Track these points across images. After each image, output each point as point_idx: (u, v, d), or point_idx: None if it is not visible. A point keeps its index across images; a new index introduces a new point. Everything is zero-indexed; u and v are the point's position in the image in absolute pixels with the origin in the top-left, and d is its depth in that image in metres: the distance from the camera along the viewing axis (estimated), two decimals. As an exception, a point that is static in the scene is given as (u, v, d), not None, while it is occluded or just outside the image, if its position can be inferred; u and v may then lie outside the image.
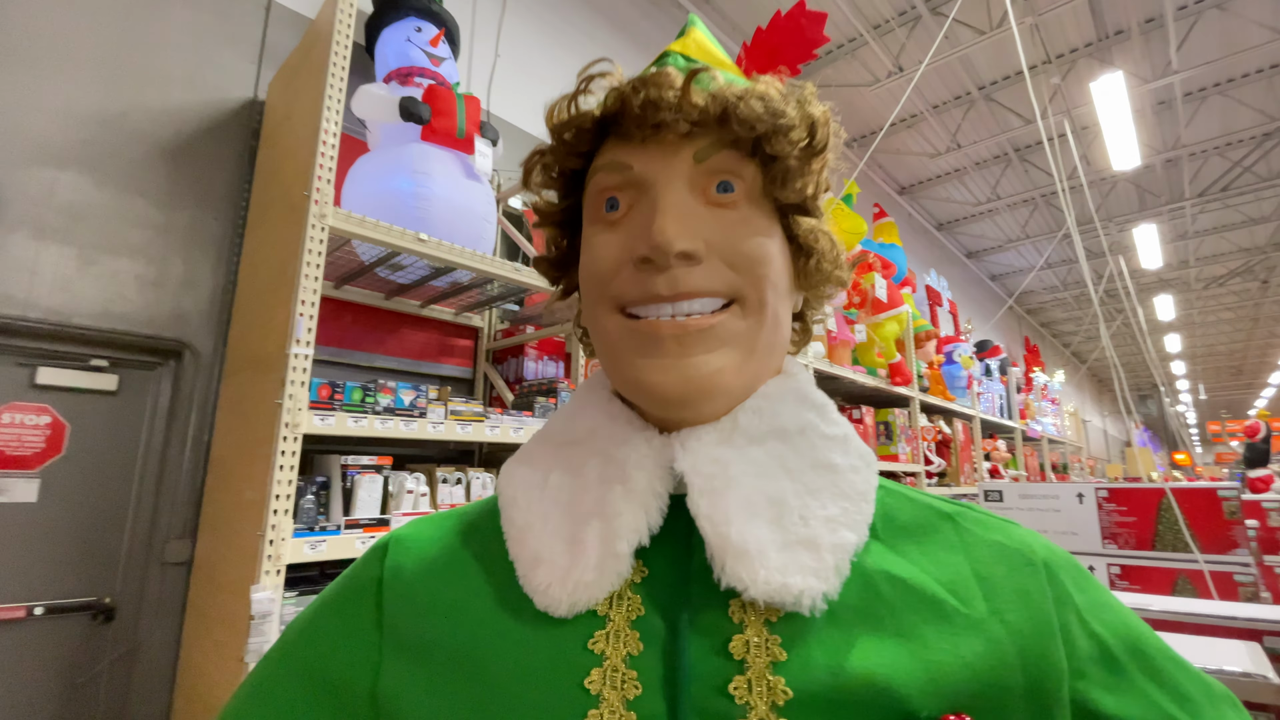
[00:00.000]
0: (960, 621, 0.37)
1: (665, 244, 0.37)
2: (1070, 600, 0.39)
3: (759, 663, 0.35)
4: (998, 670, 0.35)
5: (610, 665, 0.36)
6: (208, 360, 2.02)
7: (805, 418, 0.42)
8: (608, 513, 0.38)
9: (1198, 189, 8.16)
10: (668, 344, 0.38)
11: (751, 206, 0.41)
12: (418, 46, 2.21)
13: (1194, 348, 17.88)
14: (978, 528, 0.42)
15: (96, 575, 1.83)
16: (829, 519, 0.38)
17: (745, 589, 0.35)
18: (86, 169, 1.88)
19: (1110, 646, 0.38)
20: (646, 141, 0.40)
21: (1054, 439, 8.95)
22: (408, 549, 0.45)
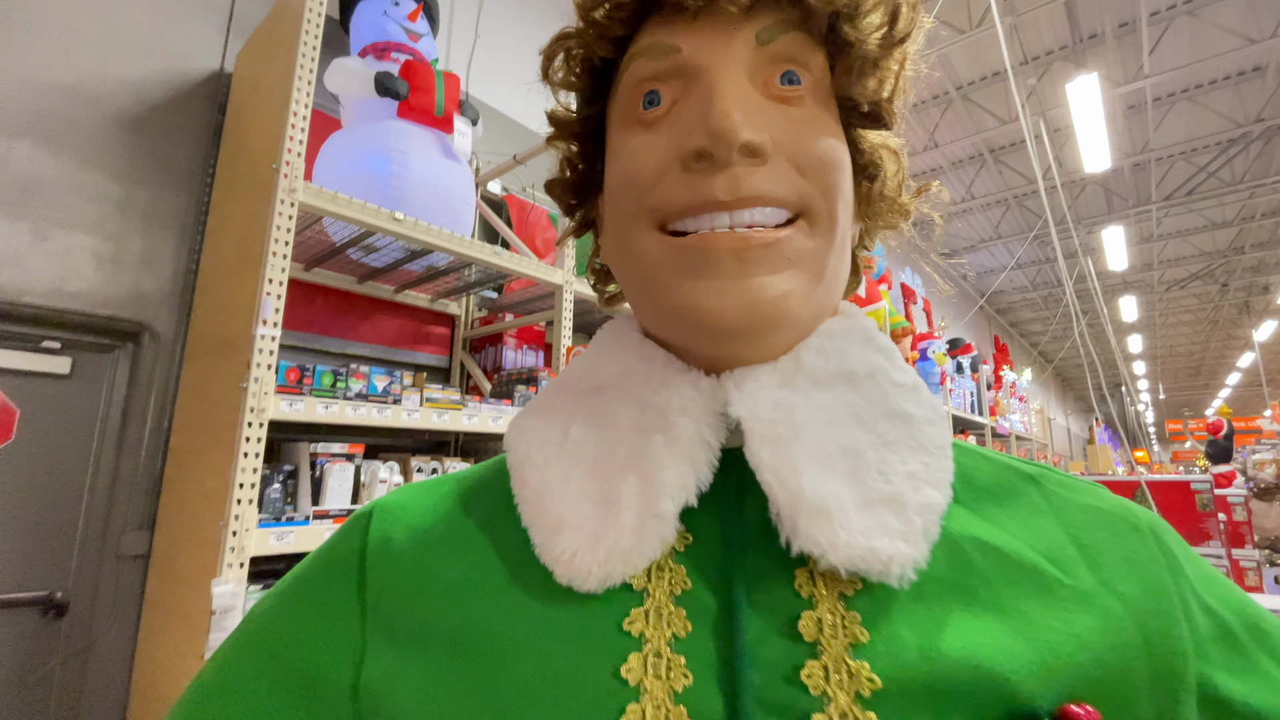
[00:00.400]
0: (1066, 594, 0.31)
1: (728, 130, 0.30)
2: (1183, 571, 0.34)
3: (836, 645, 0.28)
4: (1118, 650, 0.30)
5: (651, 649, 0.29)
6: (168, 342, 1.93)
7: (874, 361, 0.36)
8: (647, 467, 0.32)
9: (1164, 193, 8.38)
10: (725, 261, 0.31)
11: (818, 105, 0.34)
12: (395, 21, 2.12)
13: (1155, 348, 18.44)
14: (1064, 490, 0.36)
15: (48, 569, 1.73)
16: (910, 474, 0.32)
17: (823, 554, 0.29)
18: (41, 139, 1.77)
19: (1229, 623, 0.33)
20: (698, 18, 0.33)
21: (1021, 436, 9.14)
22: (396, 518, 0.38)
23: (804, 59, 0.33)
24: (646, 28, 0.34)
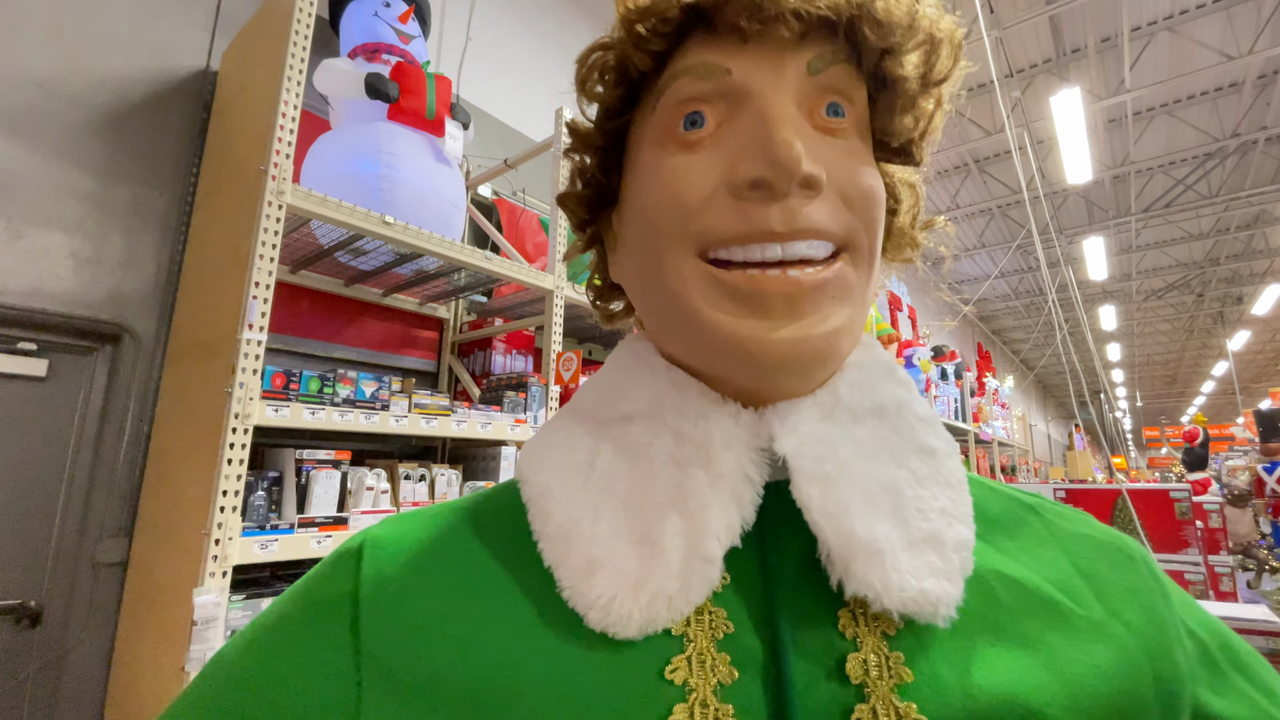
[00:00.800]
0: (1082, 625, 0.32)
1: (792, 161, 0.29)
2: (1170, 598, 0.35)
3: (883, 686, 0.28)
4: (1132, 678, 0.31)
5: (697, 699, 0.28)
6: (149, 345, 1.88)
7: (900, 394, 0.36)
8: (690, 505, 0.30)
9: (1143, 205, 8.54)
10: (777, 304, 0.30)
11: (859, 138, 0.34)
12: (386, 22, 2.10)
13: (1133, 356, 18.76)
14: (1061, 520, 0.37)
15: (21, 576, 1.68)
16: (943, 510, 0.32)
17: (877, 597, 0.29)
18: (18, 135, 1.73)
19: (1208, 645, 0.35)
20: (750, 41, 0.32)
21: (1004, 442, 9.25)
22: (393, 554, 0.34)
23: (849, 91, 0.33)
24: (690, 44, 0.33)
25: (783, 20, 0.30)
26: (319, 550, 1.49)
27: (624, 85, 0.35)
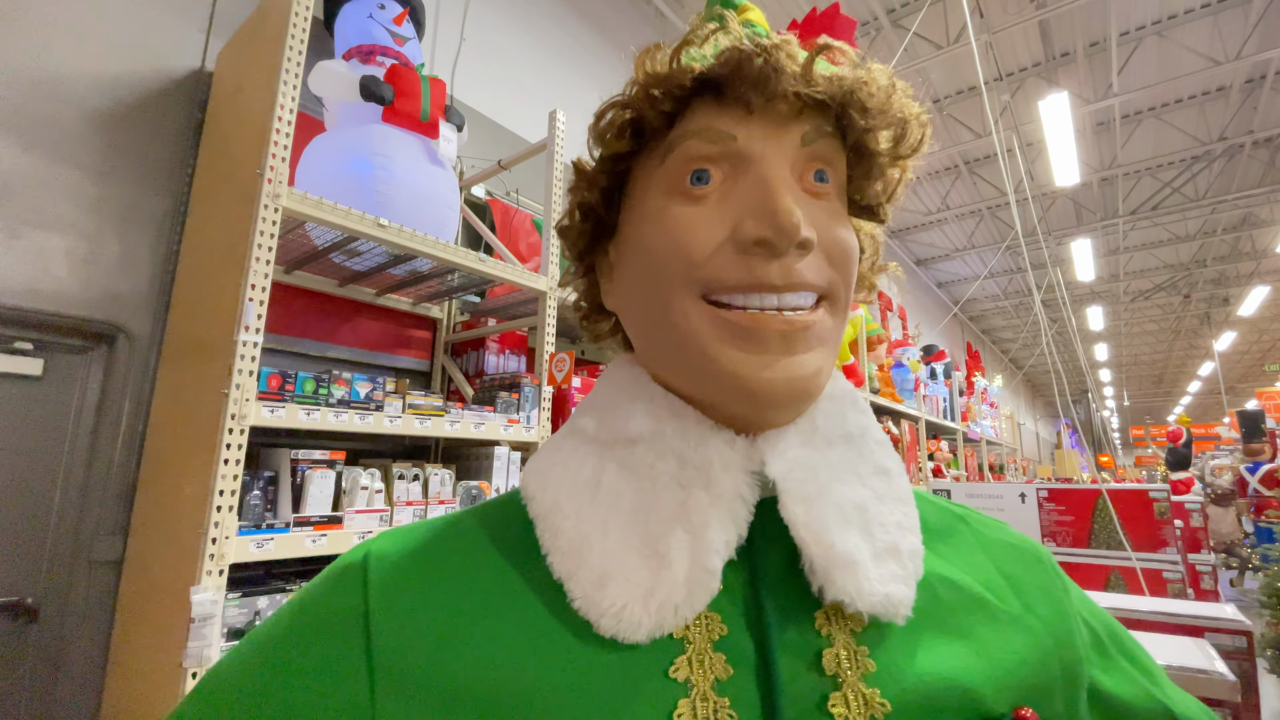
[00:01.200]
0: (1005, 619, 0.38)
1: (793, 227, 0.33)
2: (1070, 593, 0.42)
3: (853, 676, 0.33)
4: (1042, 661, 0.38)
5: (698, 693, 0.31)
6: (144, 345, 1.90)
7: (863, 421, 0.42)
8: (694, 522, 0.34)
9: (1130, 207, 8.63)
10: (773, 340, 0.34)
11: (839, 199, 0.39)
12: (380, 24, 2.12)
13: (1120, 356, 18.96)
14: (984, 528, 0.44)
15: (17, 574, 1.69)
16: (899, 524, 0.38)
17: (851, 601, 0.33)
18: (14, 135, 1.73)
19: (1099, 632, 0.43)
20: (753, 113, 0.36)
21: (992, 440, 9.34)
22: (399, 568, 0.36)
23: (833, 160, 0.38)
24: (698, 107, 0.37)
25: (784, 98, 0.35)
26: (314, 549, 1.51)
27: (634, 137, 0.39)
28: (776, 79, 0.34)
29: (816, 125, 0.36)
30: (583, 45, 3.91)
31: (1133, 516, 2.37)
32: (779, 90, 0.34)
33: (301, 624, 0.35)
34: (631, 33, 4.39)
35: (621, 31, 4.29)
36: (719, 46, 0.37)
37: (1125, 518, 2.31)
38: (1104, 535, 2.23)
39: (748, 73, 0.34)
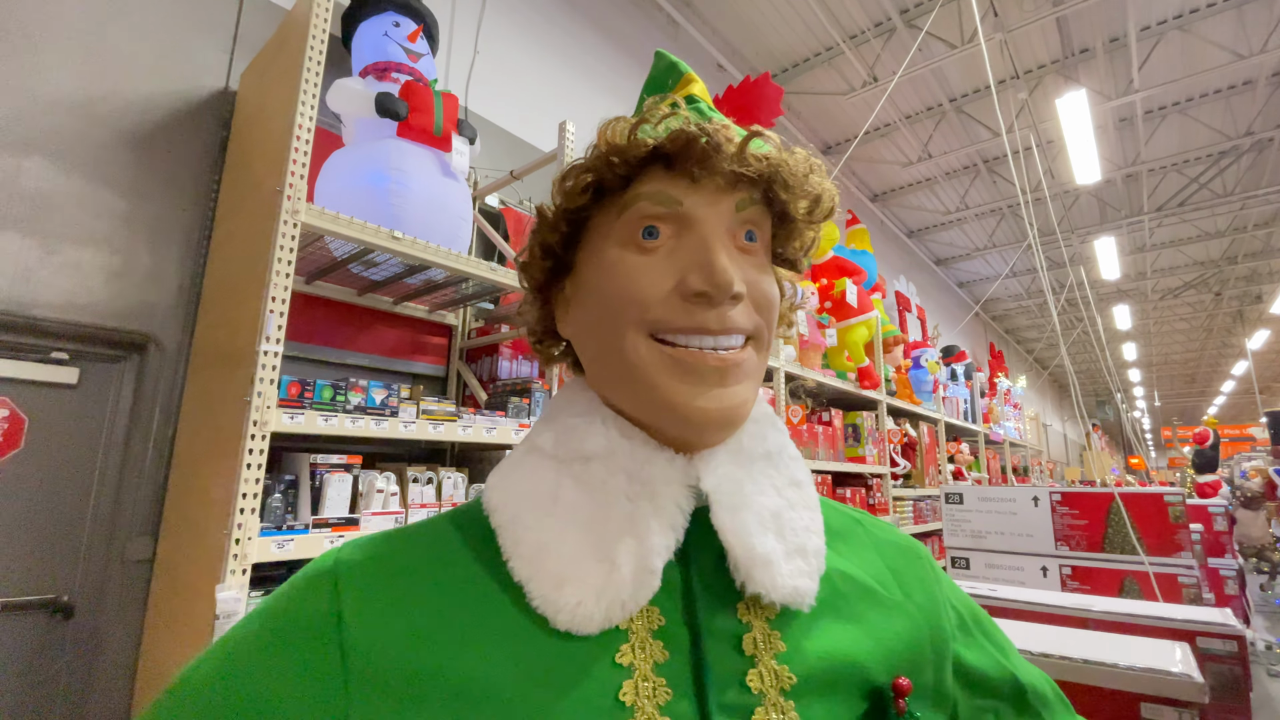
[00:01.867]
0: (889, 605, 0.47)
1: (727, 284, 0.40)
2: (941, 583, 0.52)
3: (767, 656, 0.40)
4: (917, 638, 0.46)
5: (640, 675, 0.37)
6: (173, 354, 1.99)
7: (780, 440, 0.49)
8: (640, 530, 0.40)
9: (1156, 203, 8.46)
10: (709, 375, 0.41)
11: (765, 255, 0.47)
12: (395, 41, 2.19)
13: (1150, 356, 18.53)
14: (876, 530, 0.53)
15: (55, 572, 1.79)
16: (806, 528, 0.45)
17: (767, 593, 0.40)
18: (51, 156, 1.83)
19: (964, 616, 0.52)
20: (696, 183, 0.43)
21: (1015, 442, 9.20)
22: (369, 575, 0.40)
23: (761, 223, 0.46)
24: (650, 174, 0.44)
25: (722, 173, 0.42)
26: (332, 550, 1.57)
27: (594, 194, 0.46)
28: (717, 157, 0.41)
29: (749, 195, 0.44)
30: (594, 54, 3.97)
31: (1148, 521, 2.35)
32: (718, 167, 0.42)
33: (274, 628, 0.38)
34: (643, 40, 4.43)
35: (632, 39, 4.34)
36: (670, 127, 0.42)
37: (1140, 522, 2.29)
38: (1118, 540, 2.22)
39: (693, 151, 0.41)
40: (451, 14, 3.07)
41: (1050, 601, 1.20)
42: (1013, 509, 2.36)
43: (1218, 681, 0.99)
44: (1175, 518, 2.35)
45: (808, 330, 4.00)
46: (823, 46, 5.38)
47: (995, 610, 1.26)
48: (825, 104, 6.10)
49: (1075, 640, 0.84)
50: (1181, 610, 1.11)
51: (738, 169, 0.42)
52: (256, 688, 0.36)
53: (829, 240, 4.85)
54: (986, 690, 0.50)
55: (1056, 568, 2.23)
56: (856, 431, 4.49)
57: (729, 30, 5.11)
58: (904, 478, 5.33)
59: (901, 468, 5.16)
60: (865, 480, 4.44)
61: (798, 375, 3.73)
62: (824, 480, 3.76)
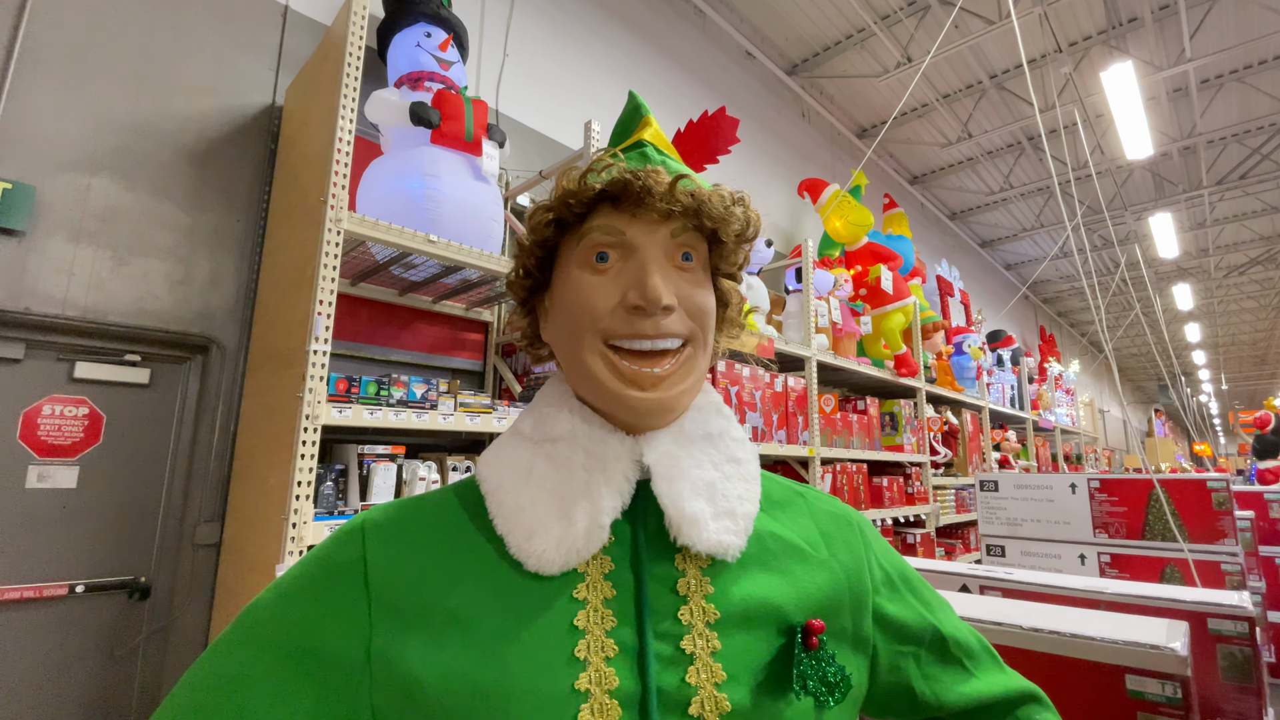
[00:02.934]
0: (814, 562, 0.56)
1: (657, 299, 0.50)
2: (871, 546, 0.61)
3: (697, 596, 0.50)
4: (836, 590, 0.56)
5: (591, 608, 0.48)
6: (232, 355, 2.14)
7: (721, 424, 0.59)
8: (593, 495, 0.51)
9: (1215, 177, 8.04)
10: (646, 383, 0.51)
11: (702, 271, 0.56)
12: (427, 51, 2.29)
13: (1215, 337, 17.60)
14: (818, 501, 0.63)
15: (132, 556, 1.96)
16: (739, 496, 0.55)
17: (694, 545, 0.50)
18: (118, 174, 1.99)
19: (891, 575, 0.61)
20: (637, 216, 0.53)
21: (1067, 429, 8.91)
22: (391, 532, 0.51)
23: (695, 245, 0.55)
24: (601, 209, 0.54)
25: (656, 208, 0.52)
26: (379, 534, 1.69)
27: (559, 227, 0.56)
28: (649, 197, 0.51)
29: (681, 224, 0.54)
30: (620, 49, 4.01)
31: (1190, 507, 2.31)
32: (651, 204, 0.52)
33: (316, 570, 0.51)
34: (669, 32, 4.45)
35: (659, 32, 4.36)
36: (611, 175, 0.53)
37: (1183, 509, 2.25)
38: (1159, 527, 2.19)
39: (630, 192, 0.52)
40: (481, 19, 3.16)
41: (1063, 584, 1.22)
42: (1050, 496, 2.34)
43: (1229, 663, 1.00)
44: (1219, 504, 2.30)
45: (841, 318, 3.98)
46: (854, 28, 5.29)
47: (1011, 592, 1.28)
48: (858, 87, 6.00)
49: (1070, 618, 0.87)
50: (1194, 593, 1.11)
51: (667, 205, 0.52)
52: (304, 614, 0.48)
53: (862, 226, 4.79)
54: (906, 637, 0.59)
55: (1095, 555, 2.21)
56: (894, 420, 4.44)
57: (757, 17, 5.08)
58: (945, 466, 5.25)
59: (942, 456, 5.08)
60: (903, 469, 4.40)
61: (828, 363, 3.73)
62: (859, 469, 3.76)
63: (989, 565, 2.00)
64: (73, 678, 1.83)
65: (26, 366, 1.83)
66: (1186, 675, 0.70)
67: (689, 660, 0.47)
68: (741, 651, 0.49)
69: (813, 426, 3.36)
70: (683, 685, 0.46)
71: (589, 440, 0.53)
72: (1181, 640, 0.74)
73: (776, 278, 4.72)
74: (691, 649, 0.48)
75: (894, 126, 6.79)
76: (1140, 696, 0.76)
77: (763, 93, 5.38)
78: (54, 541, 1.83)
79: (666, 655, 0.47)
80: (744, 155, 4.95)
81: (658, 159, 0.57)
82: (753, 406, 3.01)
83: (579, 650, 0.46)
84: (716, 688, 0.47)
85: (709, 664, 0.47)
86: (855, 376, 4.20)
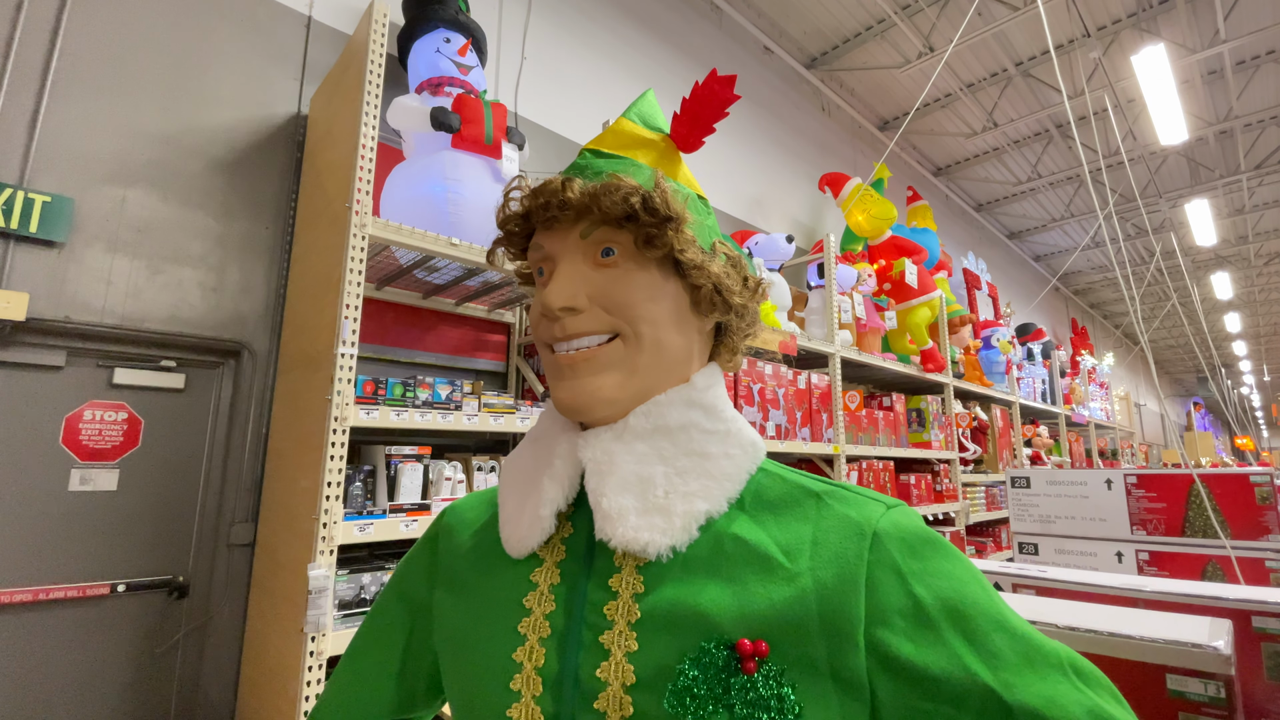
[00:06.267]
0: (780, 574, 0.48)
1: (550, 305, 0.52)
2: (891, 564, 0.47)
3: (626, 593, 0.50)
4: (796, 610, 0.46)
5: (539, 591, 0.53)
6: (263, 359, 2.19)
7: (689, 416, 0.55)
8: (539, 488, 0.55)
9: (1254, 161, 7.78)
10: (564, 371, 0.54)
11: (631, 262, 0.54)
12: (447, 57, 2.32)
13: (1257, 326, 17.02)
14: (838, 503, 0.51)
15: (171, 556, 2.02)
16: (688, 493, 0.51)
17: (609, 540, 0.50)
18: (152, 186, 2.05)
19: (925, 606, 0.45)
20: (552, 227, 0.55)
21: (1102, 424, 8.69)
22: (456, 514, 0.66)
23: (614, 239, 0.54)
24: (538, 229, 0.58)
25: (559, 216, 0.54)
26: (408, 532, 1.71)
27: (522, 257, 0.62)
28: (545, 209, 0.54)
29: (589, 224, 0.54)
30: (636, 48, 4.01)
31: (1233, 503, 2.25)
32: (554, 213, 0.54)
33: (421, 539, 0.68)
34: (686, 29, 4.43)
35: (675, 29, 4.35)
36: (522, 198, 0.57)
37: (1225, 504, 2.19)
38: (1199, 523, 2.13)
39: (534, 207, 0.55)
40: (499, 22, 3.18)
41: (1101, 582, 1.19)
42: (1084, 492, 2.28)
43: (1275, 662, 0.96)
44: (1262, 499, 2.23)
45: (865, 314, 3.94)
46: (874, 19, 5.23)
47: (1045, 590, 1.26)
48: (880, 79, 5.93)
49: (1108, 616, 0.85)
50: (1238, 590, 1.08)
51: (565, 211, 0.53)
52: (408, 566, 0.67)
53: (885, 220, 4.72)
54: (931, 693, 0.43)
55: (1133, 553, 2.16)
56: (920, 416, 4.38)
57: (774, 11, 5.04)
58: (975, 463, 5.15)
59: (972, 453, 4.99)
60: (932, 466, 4.33)
61: (852, 359, 3.69)
62: (886, 466, 3.71)
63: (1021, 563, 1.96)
64: (115, 674, 1.89)
65: (68, 373, 1.89)
66: (1230, 674, 0.68)
67: (605, 655, 0.48)
68: (658, 657, 0.46)
69: (837, 424, 3.33)
70: (594, 678, 0.48)
71: (549, 438, 0.58)
72: (1225, 639, 0.72)
73: (798, 274, 4.68)
74: (609, 645, 0.48)
75: (917, 118, 6.69)
76: (1181, 696, 0.73)
77: (782, 88, 5.33)
78: (96, 543, 1.89)
79: (588, 644, 0.49)
80: (764, 151, 4.91)
81: (584, 164, 0.58)
82: (776, 404, 2.99)
83: (521, 626, 0.52)
84: (624, 689, 0.46)
85: (621, 663, 0.47)
86: (880, 372, 4.14)
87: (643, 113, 0.63)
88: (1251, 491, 2.20)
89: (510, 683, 0.50)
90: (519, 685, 0.50)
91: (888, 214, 4.72)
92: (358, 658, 0.65)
